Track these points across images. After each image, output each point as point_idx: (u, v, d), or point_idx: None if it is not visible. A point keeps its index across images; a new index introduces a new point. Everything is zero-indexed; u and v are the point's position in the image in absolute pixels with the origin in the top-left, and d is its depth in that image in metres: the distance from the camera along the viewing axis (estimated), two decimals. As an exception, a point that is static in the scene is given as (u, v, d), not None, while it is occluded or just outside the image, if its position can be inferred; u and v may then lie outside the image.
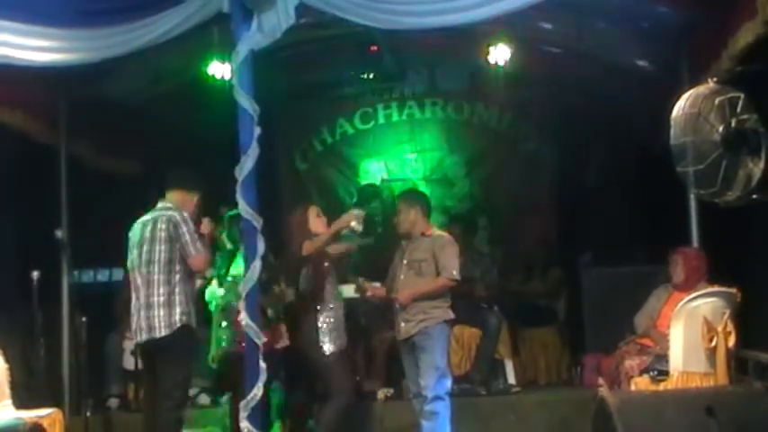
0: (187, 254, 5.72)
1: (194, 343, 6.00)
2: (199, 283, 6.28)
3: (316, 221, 6.25)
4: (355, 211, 6.27)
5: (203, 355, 6.74)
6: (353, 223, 6.14)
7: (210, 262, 6.25)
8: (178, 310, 5.66)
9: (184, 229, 5.71)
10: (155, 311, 5.65)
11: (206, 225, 6.07)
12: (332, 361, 6.08)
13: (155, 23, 5.78)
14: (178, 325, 5.66)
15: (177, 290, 5.70)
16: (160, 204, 5.89)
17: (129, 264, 5.90)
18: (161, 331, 5.64)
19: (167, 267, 5.69)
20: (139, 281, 5.76)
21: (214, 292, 6.72)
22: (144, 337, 5.71)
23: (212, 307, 6.73)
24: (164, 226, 5.71)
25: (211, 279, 6.72)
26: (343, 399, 6.04)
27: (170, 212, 5.76)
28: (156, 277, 5.69)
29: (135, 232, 5.85)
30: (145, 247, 5.73)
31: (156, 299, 5.66)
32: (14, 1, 5.80)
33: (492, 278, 8.31)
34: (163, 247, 5.69)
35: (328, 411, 6.03)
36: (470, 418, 6.77)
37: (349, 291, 6.66)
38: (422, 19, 5.71)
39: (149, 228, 5.76)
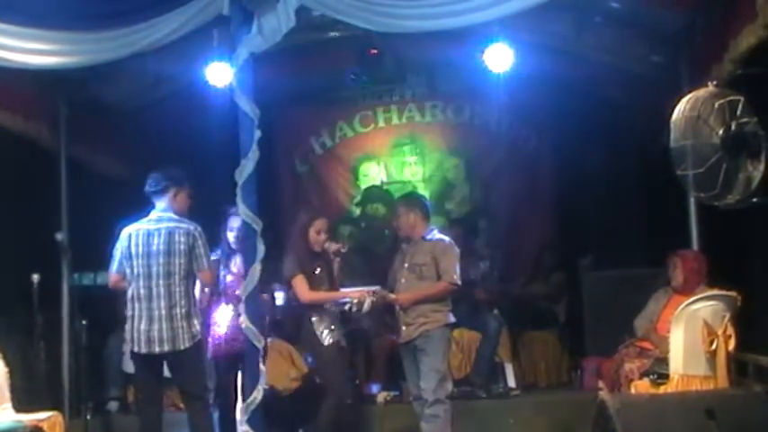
0: (200, 267, 5.75)
1: (204, 351, 6.12)
2: None
3: (315, 238, 6.21)
4: (371, 296, 6.19)
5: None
6: (366, 303, 6.14)
7: None
8: (196, 321, 5.74)
9: (200, 242, 5.75)
10: (177, 323, 5.65)
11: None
12: (329, 353, 6.11)
13: (155, 26, 5.77)
14: (198, 337, 5.74)
15: (193, 302, 5.78)
16: (162, 214, 5.78)
17: (127, 273, 5.76)
18: (185, 343, 5.66)
19: (186, 280, 5.73)
20: (144, 291, 5.68)
21: None
22: (166, 347, 5.64)
23: None
24: (183, 239, 5.69)
25: None
26: (335, 397, 6.08)
27: (185, 225, 5.75)
28: (175, 289, 5.67)
29: (137, 242, 5.73)
30: (161, 259, 5.67)
31: (178, 311, 5.66)
32: (14, 3, 5.80)
33: (492, 281, 8.31)
34: (183, 260, 5.68)
35: (321, 410, 6.05)
36: (470, 421, 6.77)
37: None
38: (421, 22, 5.70)
39: (163, 240, 5.69)
